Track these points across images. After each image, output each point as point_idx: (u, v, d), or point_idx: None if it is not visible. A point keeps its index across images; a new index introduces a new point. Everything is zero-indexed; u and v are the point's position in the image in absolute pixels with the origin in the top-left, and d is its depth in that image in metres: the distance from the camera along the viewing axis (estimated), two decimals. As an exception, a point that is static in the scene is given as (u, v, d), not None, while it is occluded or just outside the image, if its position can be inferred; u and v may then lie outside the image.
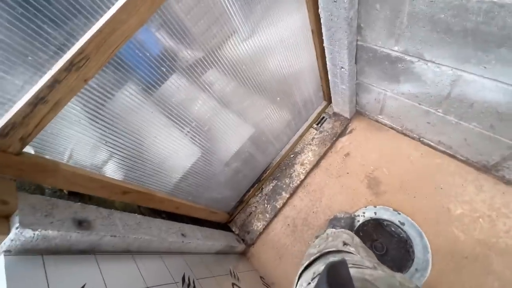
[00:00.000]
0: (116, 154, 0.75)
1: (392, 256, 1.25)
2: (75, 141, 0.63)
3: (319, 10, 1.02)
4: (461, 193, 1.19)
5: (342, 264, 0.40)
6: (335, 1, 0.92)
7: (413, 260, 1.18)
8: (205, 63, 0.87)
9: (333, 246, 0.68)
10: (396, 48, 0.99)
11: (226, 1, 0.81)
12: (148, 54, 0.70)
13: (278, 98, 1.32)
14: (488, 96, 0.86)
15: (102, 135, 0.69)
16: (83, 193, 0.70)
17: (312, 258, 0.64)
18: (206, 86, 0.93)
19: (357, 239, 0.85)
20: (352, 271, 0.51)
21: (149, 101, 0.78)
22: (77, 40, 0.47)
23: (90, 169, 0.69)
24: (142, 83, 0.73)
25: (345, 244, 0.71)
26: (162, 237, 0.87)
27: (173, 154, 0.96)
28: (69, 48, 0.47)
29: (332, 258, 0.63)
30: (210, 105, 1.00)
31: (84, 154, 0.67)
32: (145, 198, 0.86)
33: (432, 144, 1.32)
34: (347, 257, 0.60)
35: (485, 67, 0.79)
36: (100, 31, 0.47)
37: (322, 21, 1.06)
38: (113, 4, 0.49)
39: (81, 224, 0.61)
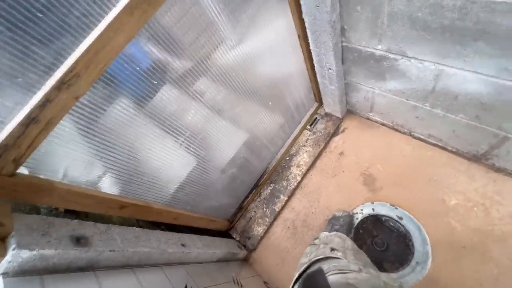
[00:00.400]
0: (111, 169, 0.75)
1: (393, 251, 1.26)
2: (69, 159, 0.63)
3: (303, 15, 1.05)
4: (454, 183, 1.22)
5: (319, 273, 0.41)
6: (317, 6, 0.95)
7: (413, 253, 1.19)
8: (196, 72, 0.89)
9: (322, 254, 0.71)
10: (379, 47, 1.02)
11: (212, 11, 0.83)
12: (138, 68, 0.71)
13: (270, 103, 1.33)
14: (470, 88, 0.89)
15: (96, 151, 0.69)
16: (79, 210, 0.70)
17: (302, 269, 0.67)
18: (197, 95, 0.94)
19: (348, 242, 0.87)
20: (336, 277, 0.54)
21: (142, 114, 0.79)
22: (66, 58, 0.48)
23: (86, 186, 0.69)
24: (134, 96, 0.74)
25: (332, 249, 0.73)
26: (162, 249, 0.87)
27: (169, 164, 0.96)
28: (58, 67, 0.48)
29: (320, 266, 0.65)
30: (203, 114, 1.01)
31: (78, 171, 0.67)
32: (143, 211, 0.86)
33: (422, 137, 1.35)
34: (334, 263, 0.63)
35: (464, 61, 0.82)
36: (88, 49, 0.48)
37: (306, 25, 1.08)
38: (100, 21, 0.50)
39: (79, 241, 0.61)
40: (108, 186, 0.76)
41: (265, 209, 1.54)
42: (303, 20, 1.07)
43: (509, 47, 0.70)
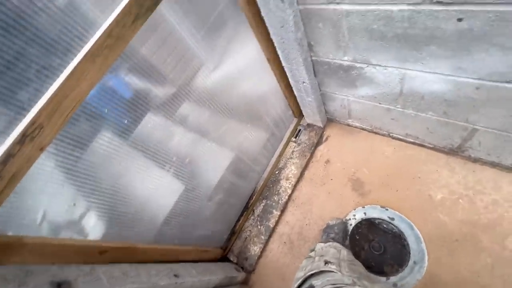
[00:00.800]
0: (90, 213, 0.73)
1: (391, 253, 1.26)
2: (42, 210, 0.62)
3: (271, 36, 1.09)
4: (437, 178, 1.24)
5: None
6: (282, 26, 1.00)
7: (409, 253, 1.20)
8: (177, 98, 0.91)
9: (316, 268, 0.71)
10: (345, 58, 1.07)
11: (188, 40, 0.87)
12: (120, 100, 0.71)
13: (249, 125, 1.36)
14: (432, 87, 0.94)
15: (74, 196, 0.68)
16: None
17: (296, 285, 0.67)
18: (180, 120, 0.95)
19: (344, 252, 0.87)
20: None
21: (125, 146, 0.78)
22: (28, 111, 0.49)
23: (62, 236, 0.67)
24: (117, 129, 0.74)
25: (326, 262, 0.73)
26: (153, 282, 0.84)
27: (153, 198, 0.95)
28: (20, 121, 0.48)
29: (314, 281, 0.66)
30: (186, 140, 1.02)
31: (52, 221, 0.65)
32: (126, 253, 0.82)
33: (401, 137, 1.39)
34: (328, 277, 0.64)
35: (422, 63, 0.87)
36: (50, 100, 0.48)
37: (275, 44, 1.13)
38: (61, 72, 0.51)
39: (60, 286, 0.58)
40: (87, 232, 0.74)
41: (259, 227, 1.53)
42: (272, 40, 1.12)
43: (457, 48, 0.75)
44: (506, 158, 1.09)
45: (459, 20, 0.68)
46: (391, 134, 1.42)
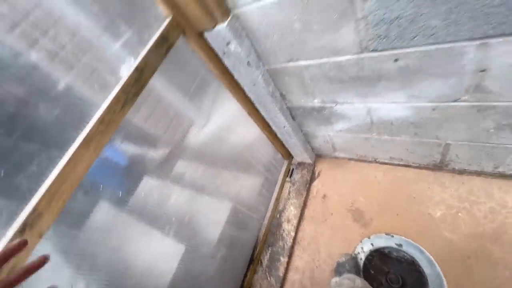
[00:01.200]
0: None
1: (410, 284, 1.20)
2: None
3: (247, 93, 1.23)
4: (431, 195, 1.26)
5: None
6: (254, 85, 1.14)
7: (427, 279, 1.14)
8: (172, 158, 0.97)
9: None
10: (315, 101, 1.19)
11: (176, 105, 0.98)
12: (116, 168, 0.76)
13: (242, 174, 1.41)
14: (396, 114, 1.04)
15: (71, 279, 0.68)
16: None
17: None
18: (176, 179, 1.00)
19: (358, 281, 0.87)
20: None
21: (122, 216, 0.80)
22: (28, 201, 0.53)
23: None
24: (113, 199, 0.76)
25: None
26: None
27: (154, 266, 0.93)
28: (22, 210, 0.53)
29: None
30: (185, 196, 1.06)
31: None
32: None
33: (386, 161, 1.45)
34: None
35: (381, 96, 0.99)
36: (49, 188, 0.54)
37: (252, 100, 1.26)
38: (59, 160, 0.58)
39: None
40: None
41: (269, 278, 1.45)
42: (248, 97, 1.25)
43: (403, 81, 0.87)
44: (486, 165, 1.13)
45: (396, 60, 0.80)
46: (377, 160, 1.48)
